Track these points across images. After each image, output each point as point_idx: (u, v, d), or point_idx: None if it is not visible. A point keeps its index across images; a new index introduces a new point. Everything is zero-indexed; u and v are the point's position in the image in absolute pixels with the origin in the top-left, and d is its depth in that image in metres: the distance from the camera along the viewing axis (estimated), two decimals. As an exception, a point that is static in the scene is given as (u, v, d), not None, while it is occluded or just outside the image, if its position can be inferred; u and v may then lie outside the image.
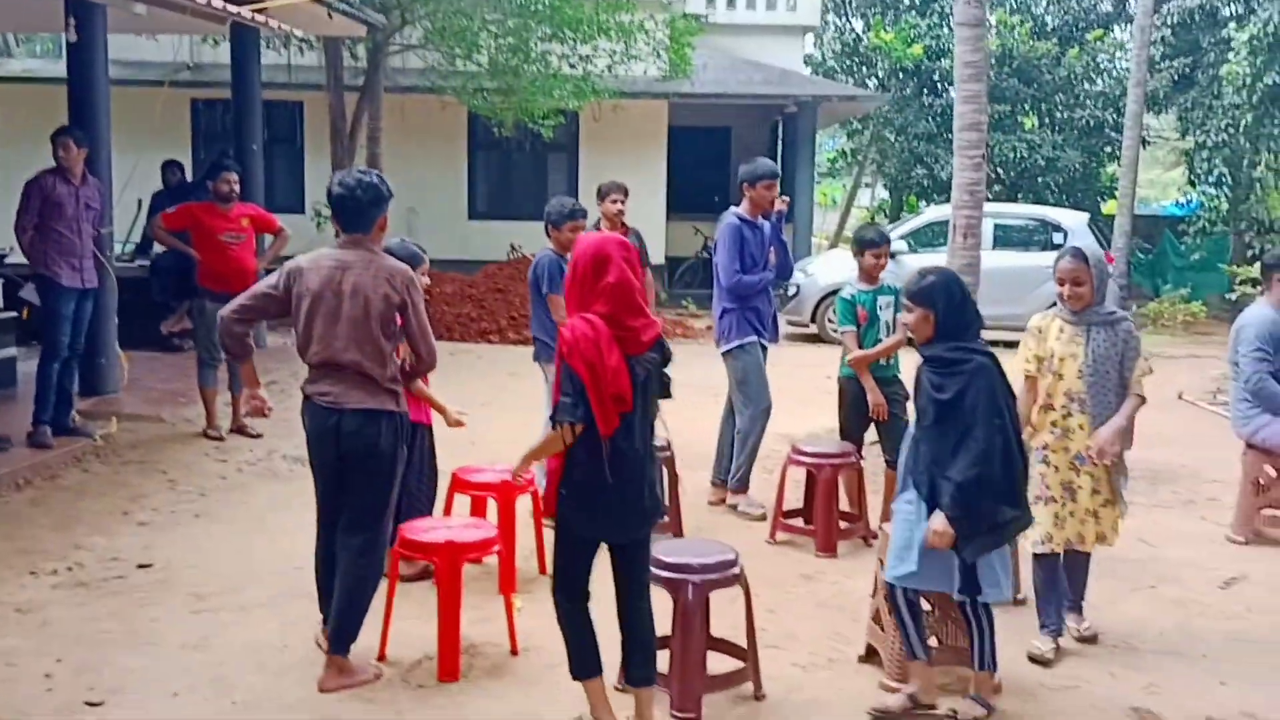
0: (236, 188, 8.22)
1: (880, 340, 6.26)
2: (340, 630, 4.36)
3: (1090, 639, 4.90)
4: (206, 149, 17.02)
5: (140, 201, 11.81)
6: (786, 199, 7.10)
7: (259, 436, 8.14)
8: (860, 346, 6.25)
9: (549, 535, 5.74)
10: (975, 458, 3.96)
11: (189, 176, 12.73)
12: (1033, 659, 4.70)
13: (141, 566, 5.58)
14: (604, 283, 3.69)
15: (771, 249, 6.91)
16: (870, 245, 6.48)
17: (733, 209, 6.90)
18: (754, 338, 6.78)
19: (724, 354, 6.84)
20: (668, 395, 3.95)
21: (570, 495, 3.75)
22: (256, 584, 5.37)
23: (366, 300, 4.30)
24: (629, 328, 3.69)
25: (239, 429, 8.25)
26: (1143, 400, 4.75)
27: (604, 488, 3.69)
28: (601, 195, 8.01)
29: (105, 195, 8.16)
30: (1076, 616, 4.98)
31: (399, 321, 4.39)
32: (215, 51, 14.80)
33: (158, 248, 10.19)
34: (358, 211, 4.40)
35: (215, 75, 15.14)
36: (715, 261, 6.92)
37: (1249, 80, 16.86)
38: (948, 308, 4.15)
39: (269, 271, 9.81)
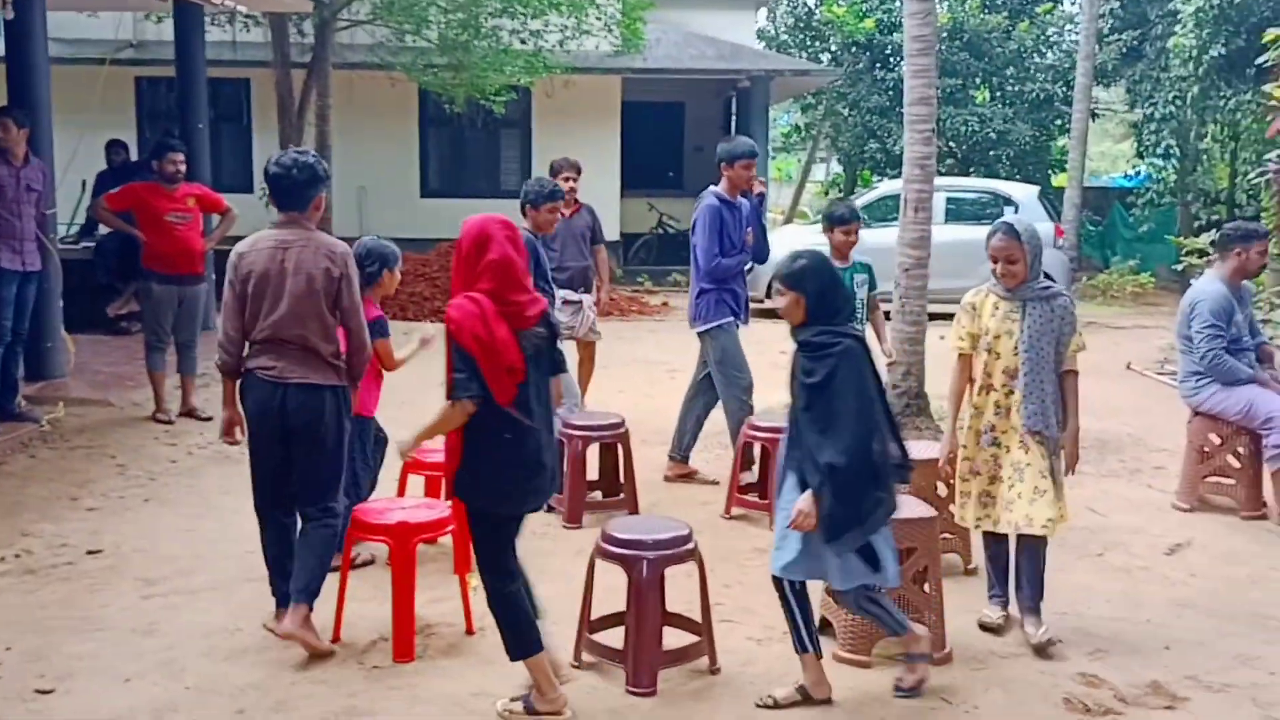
0: (182, 168, 8.10)
1: (858, 319, 6.18)
2: (310, 585, 4.37)
3: (1044, 646, 4.56)
4: (151, 128, 16.74)
5: (84, 182, 11.61)
6: (764, 181, 7.06)
7: (209, 419, 8.04)
8: None
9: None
10: (841, 441, 3.88)
11: (134, 156, 12.52)
12: (983, 626, 4.76)
13: (91, 552, 5.52)
14: (486, 260, 3.76)
15: (749, 230, 6.85)
16: (840, 222, 6.46)
17: (712, 188, 6.81)
18: (731, 318, 6.76)
19: (701, 334, 6.82)
20: (560, 370, 4.10)
21: (472, 474, 3.82)
22: (207, 568, 5.33)
23: (309, 276, 4.37)
24: (512, 303, 3.77)
25: (188, 412, 8.16)
26: (1076, 375, 4.69)
27: (506, 463, 3.78)
28: (554, 172, 8.03)
29: (48, 176, 8.01)
30: (1034, 620, 4.67)
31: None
32: (159, 28, 14.51)
33: (103, 229, 10.03)
34: (294, 190, 4.45)
35: (159, 53, 14.86)
36: (694, 242, 6.82)
37: (1195, 53, 17.02)
38: (818, 292, 4.03)
39: (216, 253, 9.73)
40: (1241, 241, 6.36)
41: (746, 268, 7.00)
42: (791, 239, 15.93)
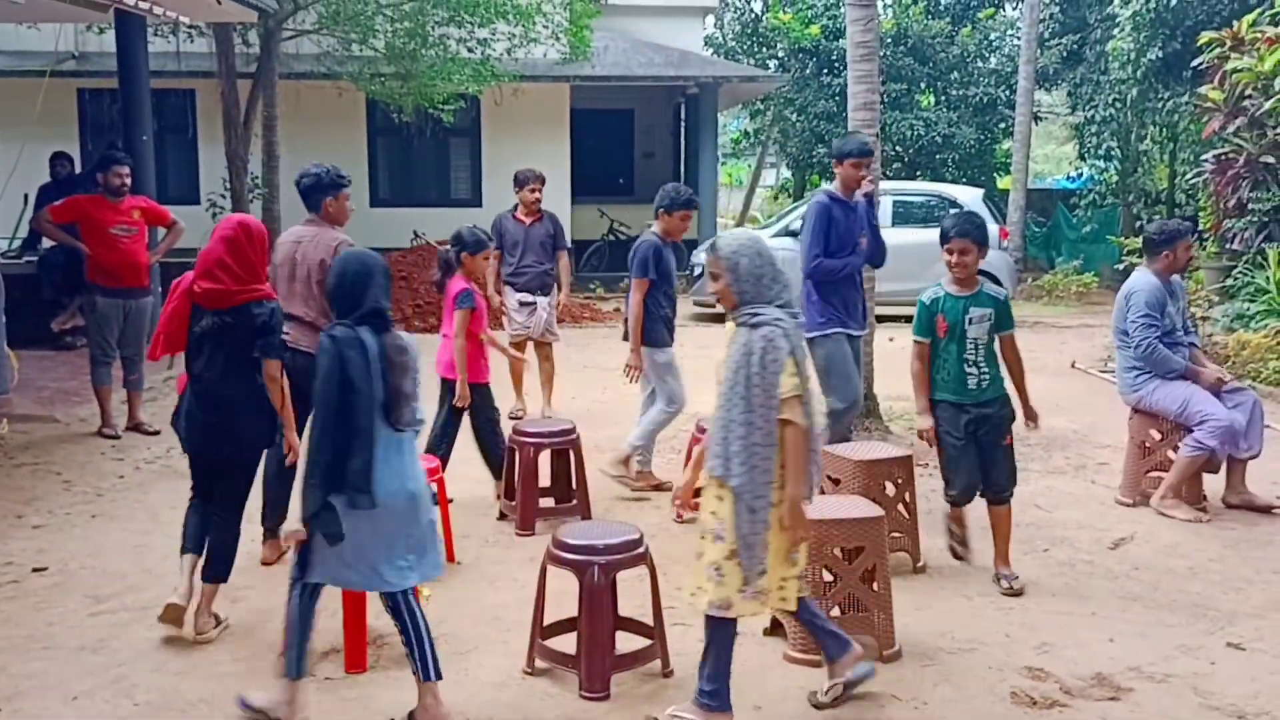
0: (128, 181, 8.01)
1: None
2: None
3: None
4: (94, 140, 16.54)
5: (26, 196, 11.45)
6: (874, 180, 6.80)
7: (156, 434, 7.97)
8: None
9: (457, 522, 5.76)
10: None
11: (78, 168, 12.37)
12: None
13: (37, 570, 5.45)
14: (203, 251, 4.72)
15: (863, 233, 6.57)
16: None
17: (825, 187, 6.44)
18: (839, 327, 6.43)
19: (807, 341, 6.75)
20: (265, 355, 4.69)
21: (175, 414, 4.83)
22: (156, 583, 5.27)
23: (310, 265, 5.45)
24: (198, 287, 4.64)
25: (135, 427, 8.08)
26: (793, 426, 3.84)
27: (183, 411, 4.75)
28: (520, 184, 8.71)
29: (-13, 190, 7.91)
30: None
31: None
32: (101, 39, 14.37)
33: (47, 243, 9.90)
34: (307, 196, 5.68)
35: (102, 64, 14.71)
36: (800, 242, 6.59)
37: (1133, 56, 17.36)
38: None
39: (162, 265, 9.65)
40: (1166, 244, 6.51)
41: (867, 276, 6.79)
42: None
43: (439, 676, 3.95)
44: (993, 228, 14.42)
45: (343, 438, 3.78)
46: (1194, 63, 13.97)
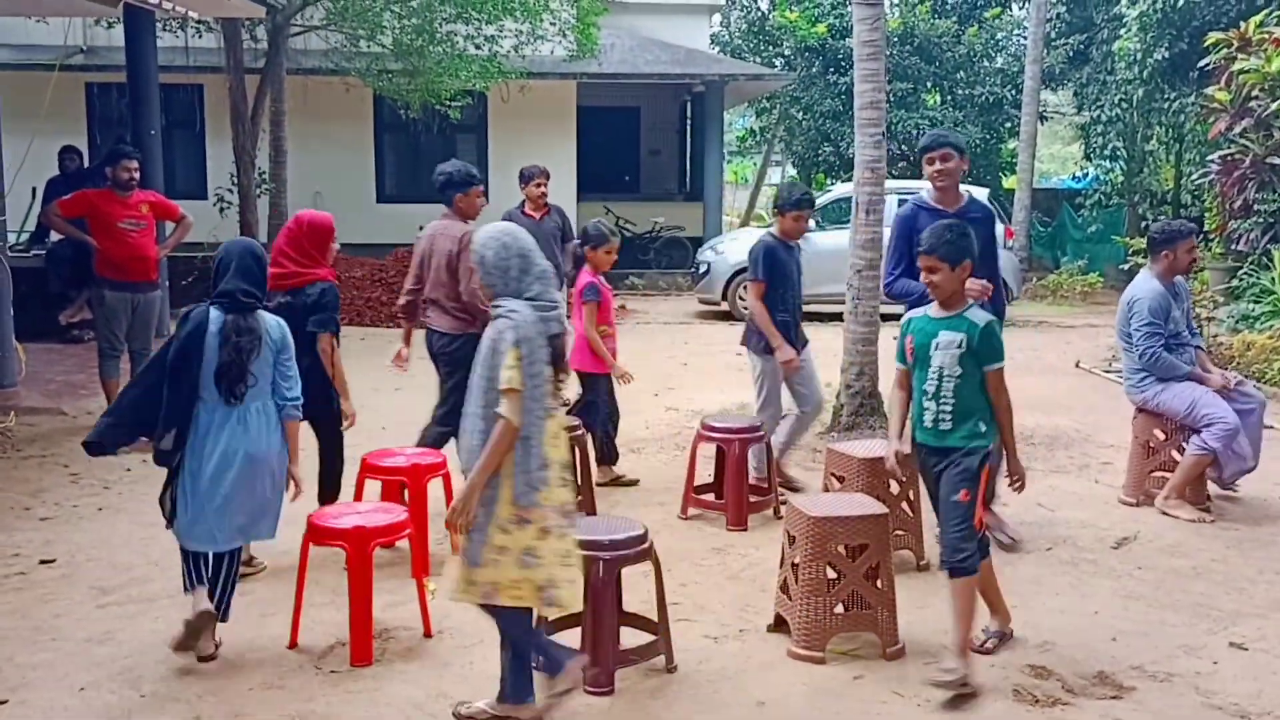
0: (136, 175, 8.03)
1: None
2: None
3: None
4: (103, 134, 16.59)
5: (35, 189, 11.49)
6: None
7: (164, 427, 8.00)
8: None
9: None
10: None
11: (86, 163, 12.41)
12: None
13: (44, 562, 5.48)
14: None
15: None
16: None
17: (922, 193, 5.97)
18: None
19: None
20: (316, 329, 5.30)
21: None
22: (163, 576, 5.30)
23: (440, 256, 6.21)
24: (269, 273, 4.85)
25: (143, 420, 8.10)
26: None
27: None
28: (526, 179, 8.90)
29: (-3, 183, 7.96)
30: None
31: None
32: (109, 34, 14.40)
33: (55, 236, 9.94)
34: (440, 192, 6.38)
35: (110, 58, 14.75)
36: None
37: (1140, 56, 17.35)
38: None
39: (170, 259, 9.68)
40: (1166, 244, 6.51)
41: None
42: (749, 241, 16.06)
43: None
44: (999, 227, 14.43)
45: (169, 394, 4.37)
46: (1201, 63, 13.96)
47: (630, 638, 4.43)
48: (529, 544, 3.69)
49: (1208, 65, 13.42)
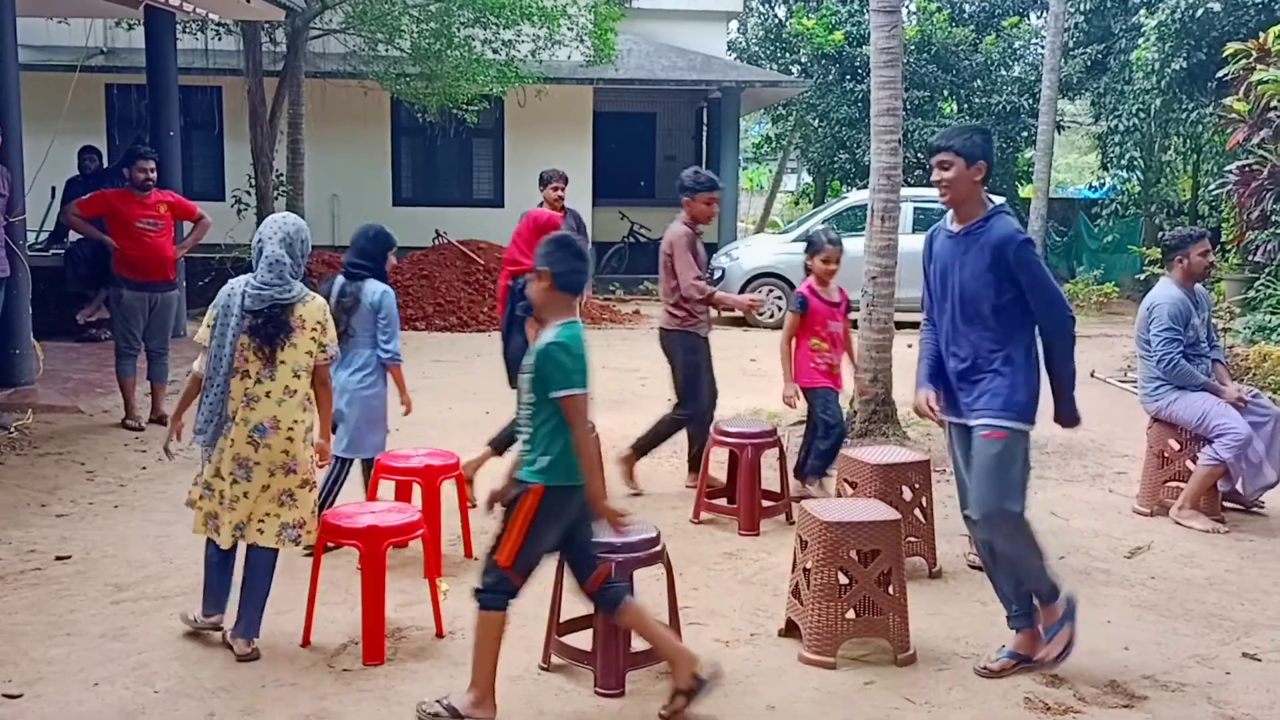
0: (153, 175, 8.09)
1: None
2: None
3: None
4: (122, 135, 16.68)
5: (54, 189, 11.56)
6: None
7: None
8: None
9: (475, 520, 5.81)
10: None
11: (106, 163, 12.49)
12: None
13: (59, 558, 5.52)
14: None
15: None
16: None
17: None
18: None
19: None
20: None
21: None
22: (177, 573, 5.34)
23: (664, 255, 6.71)
24: None
25: (158, 419, 8.15)
26: None
27: None
28: (544, 182, 9.03)
29: (18, 183, 8.01)
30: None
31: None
32: (130, 35, 14.51)
33: (73, 235, 10.01)
34: (679, 193, 6.70)
35: (130, 60, 14.86)
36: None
37: (1158, 66, 17.30)
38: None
39: (188, 260, 9.72)
40: (1179, 249, 6.51)
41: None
42: (763, 247, 16.08)
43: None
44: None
45: None
46: (1219, 74, 13.91)
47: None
48: (207, 479, 4.52)
49: (1226, 75, 13.37)
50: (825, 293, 6.61)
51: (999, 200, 4.51)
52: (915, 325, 5.48)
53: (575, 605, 4.44)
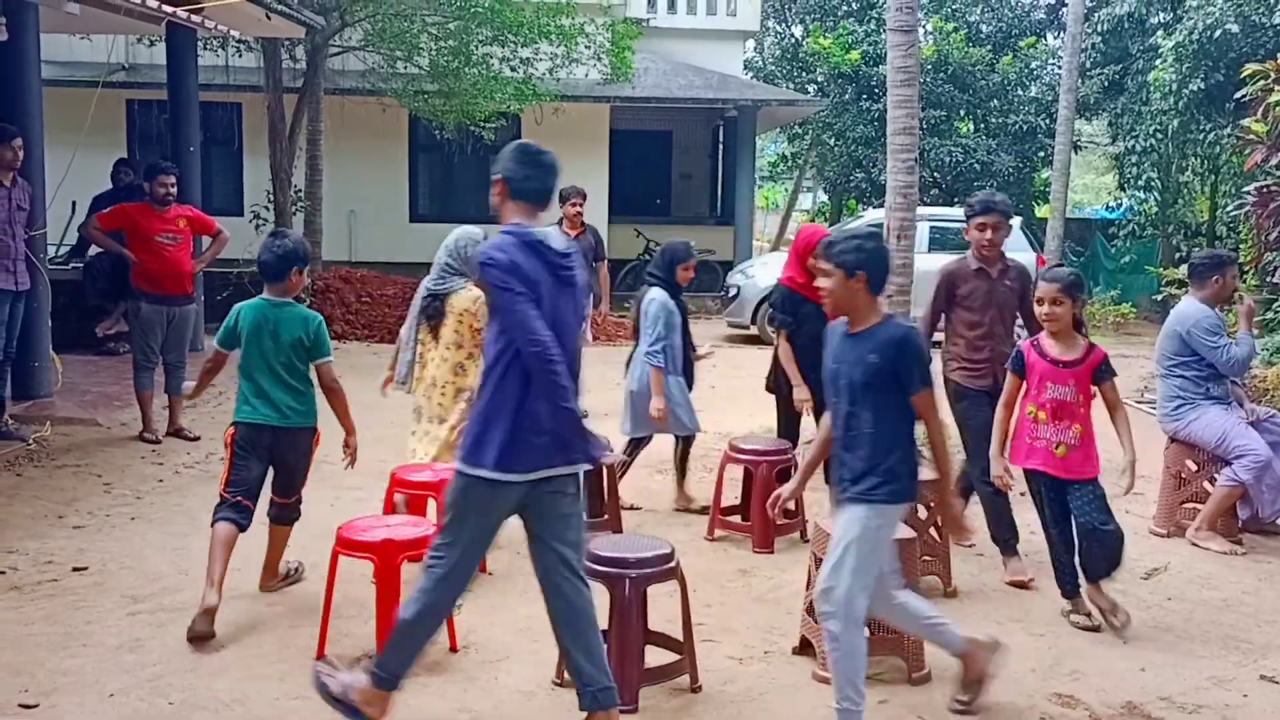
0: (174, 190, 8.15)
1: None
2: None
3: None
4: (143, 150, 16.80)
5: (74, 204, 11.65)
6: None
7: (196, 439, 8.10)
8: None
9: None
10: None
11: (138, 178, 12.58)
12: None
13: (76, 570, 5.54)
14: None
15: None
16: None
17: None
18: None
19: None
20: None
21: None
22: (193, 585, 5.33)
23: None
24: None
25: (175, 432, 8.19)
26: None
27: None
28: (563, 199, 9.10)
29: (39, 197, 8.09)
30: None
31: None
32: (151, 52, 14.61)
33: (93, 249, 10.09)
34: None
35: (151, 76, 14.97)
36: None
37: (1175, 86, 17.26)
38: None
39: (206, 274, 9.77)
40: (1217, 269, 6.46)
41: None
42: (778, 265, 16.07)
43: None
44: (1030, 256, 14.37)
45: None
46: (1237, 95, 13.85)
47: (655, 657, 4.43)
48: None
49: (1244, 97, 13.32)
50: (1038, 352, 5.18)
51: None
52: (934, 345, 5.49)
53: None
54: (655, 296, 6.65)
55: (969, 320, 5.85)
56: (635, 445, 6.96)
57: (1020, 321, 5.96)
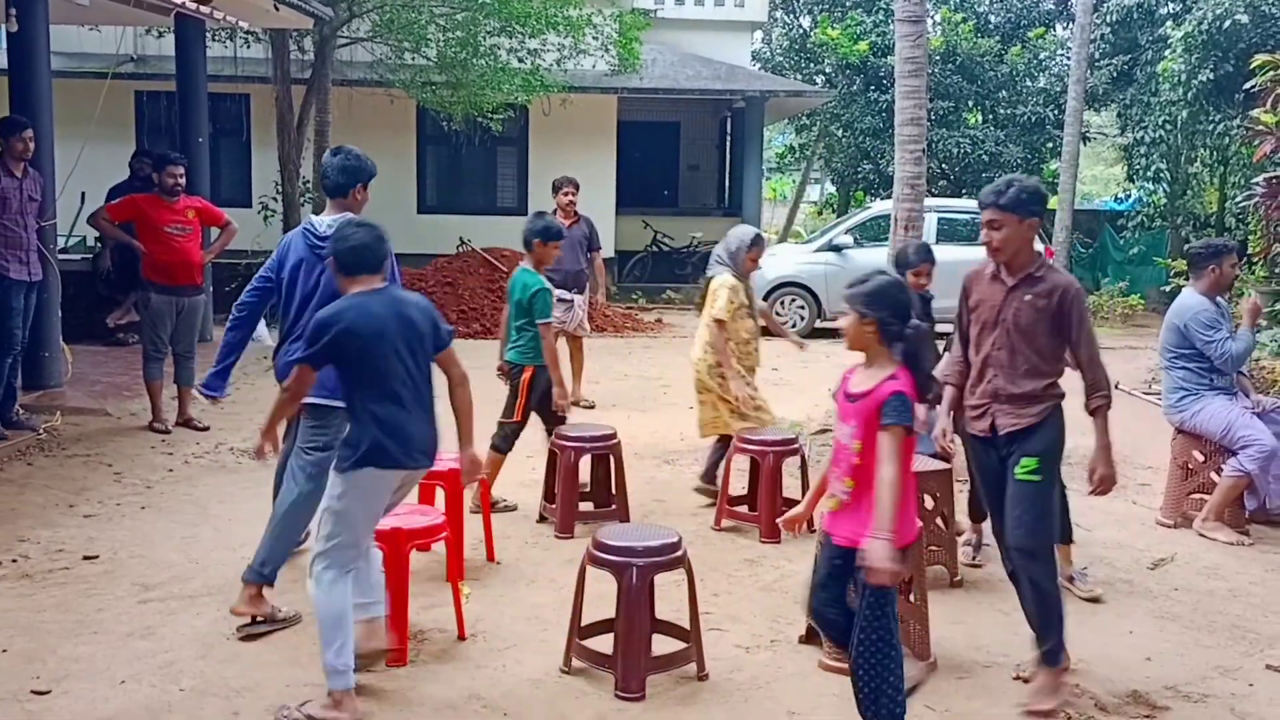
0: (182, 181, 8.18)
1: None
2: None
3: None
4: (151, 141, 16.81)
5: (84, 194, 11.69)
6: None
7: (206, 429, 8.13)
8: None
9: (497, 523, 5.84)
10: None
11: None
12: None
13: (87, 558, 5.58)
14: None
15: None
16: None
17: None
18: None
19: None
20: None
21: None
22: (204, 573, 5.39)
23: None
24: None
25: (185, 422, 8.23)
26: None
27: None
28: (555, 189, 9.38)
29: (49, 188, 8.11)
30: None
31: None
32: (160, 43, 14.63)
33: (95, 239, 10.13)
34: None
35: (160, 67, 14.99)
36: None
37: (1184, 77, 17.20)
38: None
39: (215, 265, 9.79)
40: (1213, 259, 6.47)
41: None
42: (785, 257, 16.07)
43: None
44: (1039, 247, 14.32)
45: None
46: (1246, 85, 13.80)
47: (662, 645, 4.45)
48: None
49: (1253, 87, 13.26)
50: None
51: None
52: (937, 336, 5.49)
53: (596, 609, 4.47)
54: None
55: (971, 340, 4.60)
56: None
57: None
